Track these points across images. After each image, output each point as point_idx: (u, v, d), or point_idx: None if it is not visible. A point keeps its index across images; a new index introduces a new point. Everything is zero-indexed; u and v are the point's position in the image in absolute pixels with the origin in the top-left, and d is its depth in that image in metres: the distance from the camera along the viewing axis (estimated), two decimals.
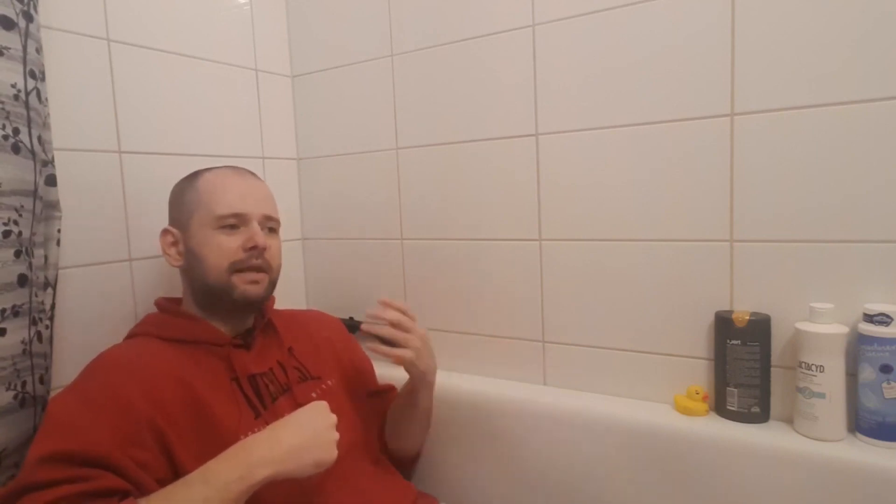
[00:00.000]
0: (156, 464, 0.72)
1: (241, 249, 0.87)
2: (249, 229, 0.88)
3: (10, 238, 0.81)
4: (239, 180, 0.92)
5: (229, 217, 0.87)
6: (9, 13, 0.82)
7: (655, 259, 1.01)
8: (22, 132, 0.83)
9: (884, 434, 0.83)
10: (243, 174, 0.94)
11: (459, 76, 1.17)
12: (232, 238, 0.87)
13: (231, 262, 0.86)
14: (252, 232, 0.88)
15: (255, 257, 0.87)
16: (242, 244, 0.87)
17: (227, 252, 0.86)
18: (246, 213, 0.88)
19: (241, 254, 0.87)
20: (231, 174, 0.92)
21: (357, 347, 1.12)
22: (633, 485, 0.97)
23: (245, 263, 0.87)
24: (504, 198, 1.15)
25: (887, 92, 0.82)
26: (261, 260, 0.88)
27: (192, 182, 0.92)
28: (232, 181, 0.91)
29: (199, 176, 0.92)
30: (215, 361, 0.85)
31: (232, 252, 0.87)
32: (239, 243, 0.87)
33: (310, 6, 1.37)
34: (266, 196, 0.94)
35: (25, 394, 0.84)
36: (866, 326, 0.84)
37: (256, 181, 0.95)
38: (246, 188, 0.91)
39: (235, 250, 0.87)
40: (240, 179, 0.92)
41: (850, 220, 0.86)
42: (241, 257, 0.87)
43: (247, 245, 0.87)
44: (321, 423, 0.75)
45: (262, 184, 0.96)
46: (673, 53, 0.96)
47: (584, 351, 1.10)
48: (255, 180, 0.95)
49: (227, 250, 0.86)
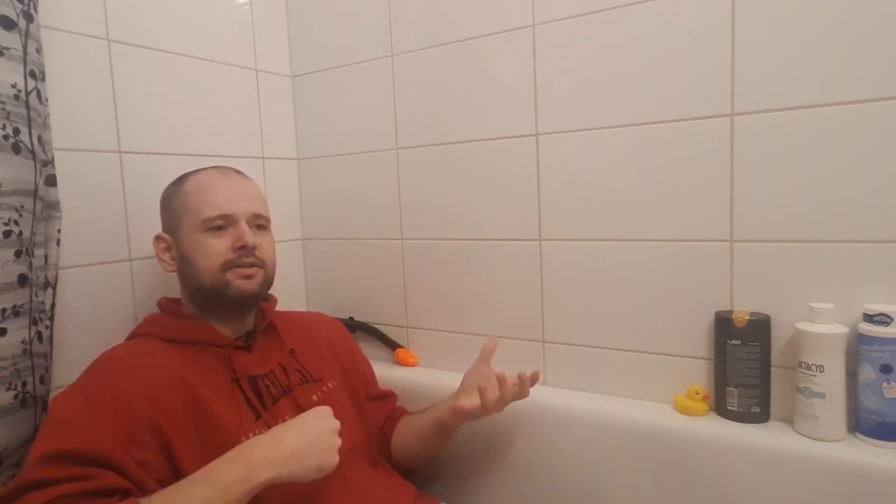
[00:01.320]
0: (156, 464, 0.72)
1: (230, 250, 0.87)
2: (238, 229, 0.88)
3: (11, 238, 0.81)
4: (225, 181, 0.91)
5: (216, 219, 0.87)
6: (9, 13, 0.82)
7: (655, 259, 1.01)
8: (22, 132, 0.83)
9: (884, 434, 0.83)
10: (228, 174, 0.93)
11: (459, 76, 1.17)
12: (221, 239, 0.87)
13: (223, 263, 0.86)
14: (240, 232, 0.87)
15: (246, 255, 0.87)
16: (231, 244, 0.87)
17: (217, 253, 0.86)
18: (233, 214, 0.88)
19: (232, 254, 0.87)
20: (216, 175, 0.92)
21: (358, 350, 1.12)
22: (633, 484, 0.97)
23: (236, 262, 0.87)
24: (504, 198, 1.15)
25: (887, 92, 0.82)
26: (252, 258, 0.88)
27: (179, 187, 0.92)
28: (217, 183, 0.90)
29: (186, 180, 0.92)
30: (216, 363, 0.85)
31: (222, 253, 0.87)
32: (228, 244, 0.87)
33: (310, 6, 1.37)
34: (252, 194, 0.93)
35: (26, 394, 0.84)
36: (866, 326, 0.84)
37: (242, 180, 0.94)
38: (232, 189, 0.90)
39: (225, 251, 0.87)
40: (225, 180, 0.91)
41: (850, 220, 0.86)
42: (231, 257, 0.87)
43: (236, 245, 0.87)
44: (324, 428, 0.75)
45: (248, 182, 0.95)
46: (673, 53, 0.96)
47: (584, 351, 1.10)
48: (241, 179, 0.94)
49: (217, 252, 0.86)
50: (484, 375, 0.96)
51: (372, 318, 1.36)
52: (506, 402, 0.92)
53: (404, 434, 1.06)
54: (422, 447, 1.05)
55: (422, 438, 1.03)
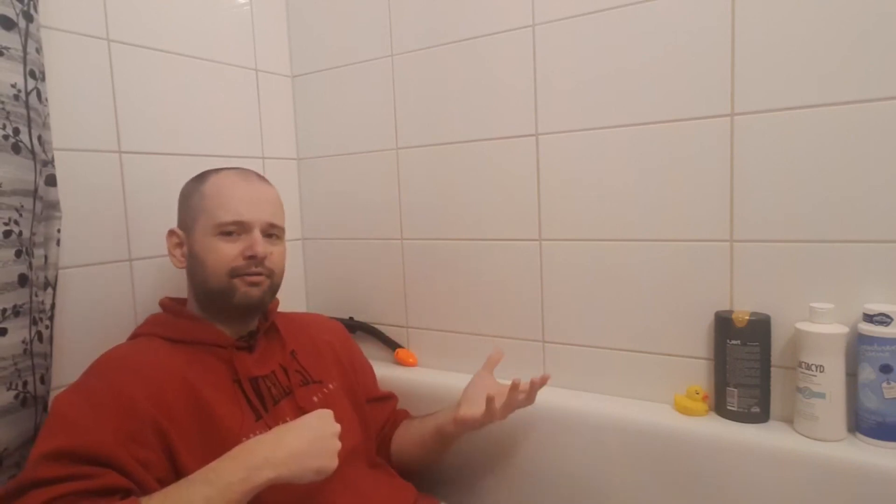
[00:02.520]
0: (158, 463, 0.72)
1: (240, 256, 0.87)
2: (250, 237, 0.87)
3: (11, 238, 0.81)
4: (244, 186, 0.91)
5: (230, 224, 0.87)
6: (9, 13, 0.82)
7: (655, 259, 1.01)
8: (22, 132, 0.83)
9: (884, 434, 0.83)
10: (249, 179, 0.93)
11: (459, 76, 1.17)
12: (233, 245, 0.87)
13: (231, 269, 0.86)
14: (252, 240, 0.87)
15: (255, 265, 0.87)
16: (242, 251, 0.87)
17: (227, 258, 0.86)
18: (248, 221, 0.88)
19: (241, 261, 0.87)
20: (237, 179, 0.91)
21: (358, 352, 1.12)
22: (633, 484, 0.97)
23: (244, 270, 0.87)
24: (504, 198, 1.15)
25: (887, 92, 0.82)
26: (260, 267, 0.88)
27: (198, 185, 0.92)
28: (237, 187, 0.90)
29: (206, 179, 0.92)
30: (218, 363, 0.85)
31: (231, 259, 0.86)
32: (239, 250, 0.87)
33: (310, 6, 1.37)
34: (271, 202, 0.93)
35: (27, 393, 0.85)
36: (866, 326, 0.84)
37: (263, 186, 0.94)
38: (250, 195, 0.90)
39: (235, 257, 0.87)
40: (245, 185, 0.91)
41: (850, 220, 0.86)
42: (240, 264, 0.87)
43: (246, 253, 0.87)
44: (324, 432, 0.75)
45: (268, 189, 0.94)
46: (673, 53, 0.96)
47: (584, 351, 1.10)
48: (262, 185, 0.94)
49: (227, 257, 0.86)
50: (487, 386, 0.96)
51: (372, 318, 1.36)
52: (512, 409, 0.91)
53: (404, 439, 1.06)
54: (422, 454, 1.05)
55: (421, 445, 1.03)
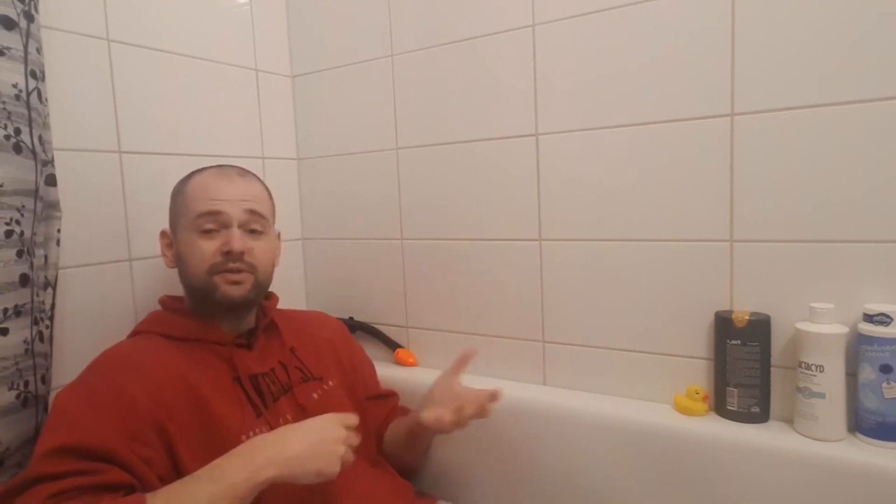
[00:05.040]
0: (158, 460, 0.72)
1: (218, 253, 0.86)
2: (228, 233, 0.87)
3: (13, 238, 0.81)
4: (221, 180, 0.90)
5: (205, 216, 0.86)
6: (10, 13, 0.82)
7: (655, 259, 1.01)
8: (23, 132, 0.83)
9: (884, 434, 0.83)
10: (228, 173, 0.91)
11: (459, 76, 1.17)
12: (211, 242, 0.86)
13: (210, 265, 0.86)
14: (230, 235, 0.86)
15: (233, 261, 0.86)
16: (219, 247, 0.86)
17: (205, 255, 0.86)
18: (224, 212, 0.87)
19: (219, 257, 0.86)
20: (215, 175, 0.90)
21: (359, 350, 1.12)
22: (633, 485, 0.97)
23: (223, 266, 0.86)
24: (504, 198, 1.15)
25: (887, 92, 0.82)
26: (240, 263, 0.86)
27: (183, 185, 0.92)
28: (214, 181, 0.89)
29: (190, 178, 0.92)
30: (218, 361, 0.86)
31: (210, 256, 0.86)
32: (217, 246, 0.86)
33: (310, 6, 1.37)
34: (248, 193, 0.90)
35: (28, 393, 0.85)
36: (866, 326, 0.84)
37: (242, 180, 0.92)
38: (228, 188, 0.89)
39: (213, 254, 0.86)
40: (222, 179, 0.90)
41: (850, 220, 0.86)
42: (218, 261, 0.86)
43: (223, 248, 0.86)
44: (328, 436, 0.75)
45: (248, 182, 0.92)
46: (673, 53, 0.96)
47: (584, 351, 1.10)
48: (242, 179, 0.92)
49: (205, 254, 0.86)
50: (455, 394, 0.91)
51: (372, 318, 1.36)
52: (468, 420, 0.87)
53: (390, 438, 1.06)
54: (402, 453, 1.04)
55: (400, 444, 1.03)
